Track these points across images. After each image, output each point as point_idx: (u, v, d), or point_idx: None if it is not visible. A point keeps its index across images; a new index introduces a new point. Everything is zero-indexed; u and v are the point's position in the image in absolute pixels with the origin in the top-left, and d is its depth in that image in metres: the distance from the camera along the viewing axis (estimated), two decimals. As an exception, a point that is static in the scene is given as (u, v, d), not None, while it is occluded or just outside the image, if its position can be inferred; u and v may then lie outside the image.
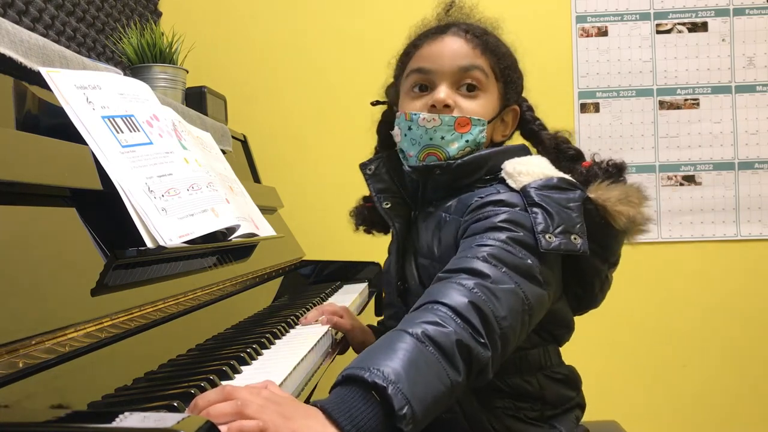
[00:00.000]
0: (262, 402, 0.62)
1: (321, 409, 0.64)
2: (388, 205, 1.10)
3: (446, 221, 1.00)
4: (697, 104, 2.17)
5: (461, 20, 1.10)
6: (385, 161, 1.12)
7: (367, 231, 1.25)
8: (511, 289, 0.83)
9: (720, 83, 2.16)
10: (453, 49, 1.03)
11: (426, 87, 1.04)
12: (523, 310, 0.84)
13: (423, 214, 1.07)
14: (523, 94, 1.14)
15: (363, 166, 1.13)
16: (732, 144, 2.16)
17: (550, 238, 0.88)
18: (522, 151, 1.05)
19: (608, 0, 2.19)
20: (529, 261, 0.87)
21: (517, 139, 1.14)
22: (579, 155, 1.06)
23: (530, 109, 1.13)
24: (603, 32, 2.18)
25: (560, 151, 1.06)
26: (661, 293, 2.17)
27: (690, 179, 2.17)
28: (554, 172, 0.97)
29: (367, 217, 1.23)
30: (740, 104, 2.16)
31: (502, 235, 0.88)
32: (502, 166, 1.00)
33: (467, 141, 1.01)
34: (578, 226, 0.90)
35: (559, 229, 0.88)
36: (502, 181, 0.99)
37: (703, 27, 2.17)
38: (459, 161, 1.00)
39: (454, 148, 1.01)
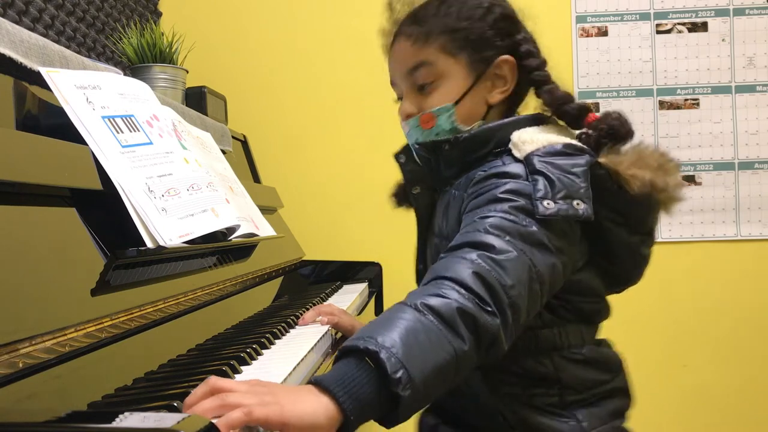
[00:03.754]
0: (246, 388, 0.62)
1: (314, 382, 0.64)
2: (417, 191, 1.09)
3: (454, 197, 0.98)
4: (697, 104, 2.17)
5: (407, 12, 1.05)
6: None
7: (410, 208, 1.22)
8: (517, 257, 0.80)
9: (720, 83, 2.16)
10: (399, 56, 1.03)
11: (401, 97, 1.05)
12: (531, 279, 0.81)
13: (441, 194, 1.05)
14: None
15: (396, 157, 1.12)
16: (732, 144, 2.16)
17: (548, 204, 0.84)
18: (532, 121, 1.00)
19: (608, 0, 2.19)
20: (533, 228, 0.84)
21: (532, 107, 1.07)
22: (581, 112, 0.97)
23: (531, 54, 1.01)
24: (603, 32, 2.18)
25: (561, 112, 0.99)
26: (661, 293, 2.17)
27: (690, 179, 2.17)
28: (560, 139, 0.93)
29: (405, 198, 1.20)
30: (740, 104, 2.16)
31: (504, 206, 0.86)
32: (511, 137, 0.96)
33: (438, 133, 1.00)
34: (582, 191, 0.86)
35: (559, 195, 0.85)
36: (509, 152, 0.95)
37: (703, 27, 2.17)
38: (466, 134, 0.98)
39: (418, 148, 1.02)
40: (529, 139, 0.93)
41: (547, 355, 0.95)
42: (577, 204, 0.85)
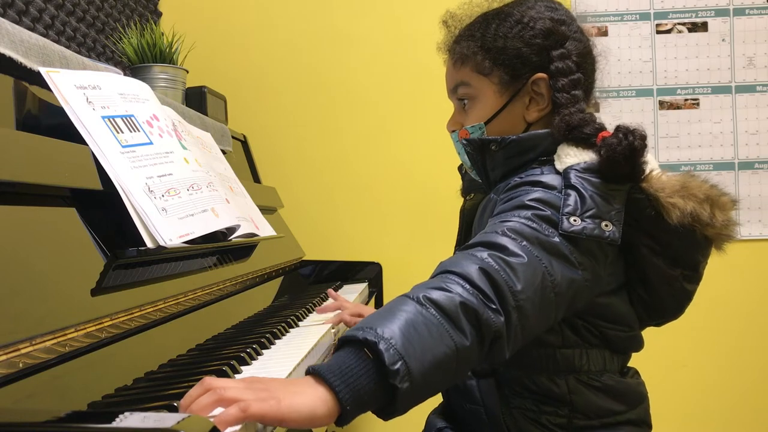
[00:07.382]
0: (244, 385, 0.61)
1: (312, 372, 0.64)
2: (471, 197, 1.10)
3: (490, 200, 0.98)
4: (697, 104, 2.17)
5: (456, 31, 1.06)
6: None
7: None
8: (530, 263, 0.79)
9: (720, 83, 2.16)
10: (447, 74, 1.06)
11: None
12: (546, 287, 0.79)
13: (485, 198, 1.04)
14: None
15: (459, 168, 1.14)
16: (732, 144, 2.16)
17: (574, 221, 0.83)
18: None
19: (608, 0, 2.19)
20: (555, 239, 0.82)
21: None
22: (591, 137, 0.91)
23: (560, 73, 0.96)
24: (603, 32, 2.18)
25: (571, 138, 0.93)
26: (661, 293, 2.16)
27: (690, 179, 2.17)
28: None
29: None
30: (740, 104, 2.16)
31: (528, 212, 0.84)
32: (558, 148, 0.94)
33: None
34: (614, 213, 0.85)
35: (588, 213, 0.84)
36: (552, 163, 0.93)
37: (703, 27, 2.17)
38: (514, 137, 0.96)
39: (465, 158, 1.05)
40: (572, 153, 0.91)
41: (563, 375, 0.93)
42: (605, 225, 0.84)
